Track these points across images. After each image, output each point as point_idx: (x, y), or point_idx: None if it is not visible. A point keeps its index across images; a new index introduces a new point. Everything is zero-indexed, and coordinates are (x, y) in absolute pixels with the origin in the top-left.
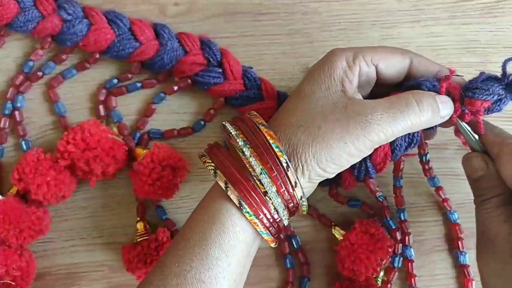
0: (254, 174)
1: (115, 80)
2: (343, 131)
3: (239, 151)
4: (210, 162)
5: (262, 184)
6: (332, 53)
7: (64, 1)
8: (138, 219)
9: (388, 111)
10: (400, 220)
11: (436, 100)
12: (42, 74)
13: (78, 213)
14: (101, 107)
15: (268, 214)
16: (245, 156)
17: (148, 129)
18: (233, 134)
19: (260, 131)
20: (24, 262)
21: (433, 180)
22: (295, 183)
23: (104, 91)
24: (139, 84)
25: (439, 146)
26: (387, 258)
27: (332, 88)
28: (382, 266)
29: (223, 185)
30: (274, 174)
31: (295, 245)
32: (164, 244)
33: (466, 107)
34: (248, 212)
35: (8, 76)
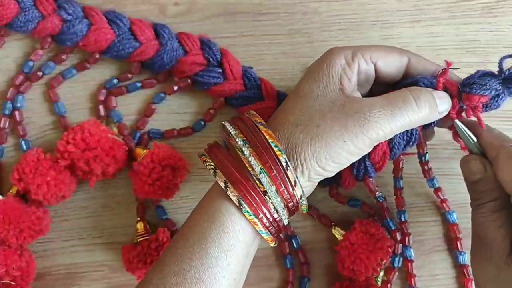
0: (254, 173)
1: (115, 80)
2: (341, 129)
3: (238, 151)
4: (209, 161)
5: (261, 184)
6: (330, 51)
7: (64, 1)
8: (138, 219)
9: (386, 108)
10: (400, 221)
11: (434, 96)
12: (42, 74)
13: (78, 213)
14: (101, 107)
15: (268, 214)
16: (244, 156)
17: (148, 129)
18: (232, 134)
19: (259, 130)
20: (24, 262)
21: (432, 181)
22: (295, 182)
23: (104, 91)
24: (139, 84)
25: (439, 146)
26: (387, 258)
27: (331, 86)
28: (382, 266)
29: (222, 184)
30: (273, 174)
31: (295, 245)
32: (164, 244)
33: (464, 103)
34: (248, 212)
35: (8, 76)
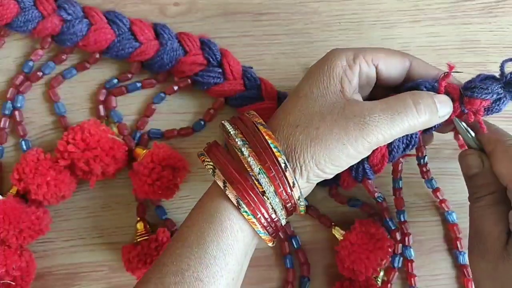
0: (252, 173)
1: (115, 80)
2: (341, 132)
3: (237, 151)
4: (208, 161)
5: (260, 184)
6: (332, 52)
7: (64, 1)
8: (138, 219)
9: (386, 113)
10: (400, 221)
11: (434, 100)
12: (42, 74)
13: (78, 213)
14: (101, 107)
15: (266, 214)
16: (243, 156)
17: (148, 129)
18: (231, 134)
19: (259, 130)
20: (24, 262)
21: (430, 182)
22: (293, 184)
23: (104, 91)
24: (139, 84)
25: (439, 146)
26: (387, 258)
27: (331, 87)
28: (382, 266)
29: (221, 184)
30: (272, 174)
31: (295, 245)
32: (164, 244)
33: (466, 107)
34: (246, 212)
35: (8, 76)
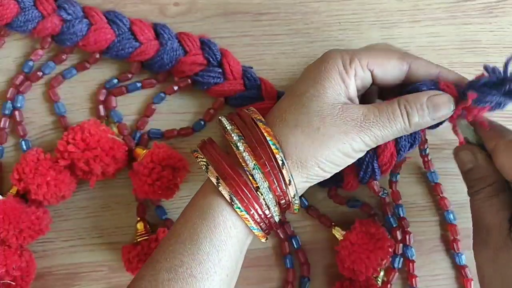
0: (247, 168)
1: (115, 80)
2: (341, 134)
3: (233, 146)
4: (202, 157)
5: (254, 179)
6: (328, 54)
7: (64, 1)
8: (138, 219)
9: (378, 119)
10: (399, 217)
11: (427, 106)
12: (42, 74)
13: (78, 213)
14: (101, 107)
15: (259, 210)
16: (238, 151)
17: (148, 129)
18: (228, 129)
19: (257, 127)
20: (24, 262)
21: (432, 174)
22: (289, 181)
23: (104, 91)
24: (139, 84)
25: (439, 146)
26: (387, 258)
27: (328, 89)
28: (382, 266)
29: (214, 180)
30: (267, 170)
31: (295, 245)
32: None
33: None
34: (239, 208)
35: (8, 76)
